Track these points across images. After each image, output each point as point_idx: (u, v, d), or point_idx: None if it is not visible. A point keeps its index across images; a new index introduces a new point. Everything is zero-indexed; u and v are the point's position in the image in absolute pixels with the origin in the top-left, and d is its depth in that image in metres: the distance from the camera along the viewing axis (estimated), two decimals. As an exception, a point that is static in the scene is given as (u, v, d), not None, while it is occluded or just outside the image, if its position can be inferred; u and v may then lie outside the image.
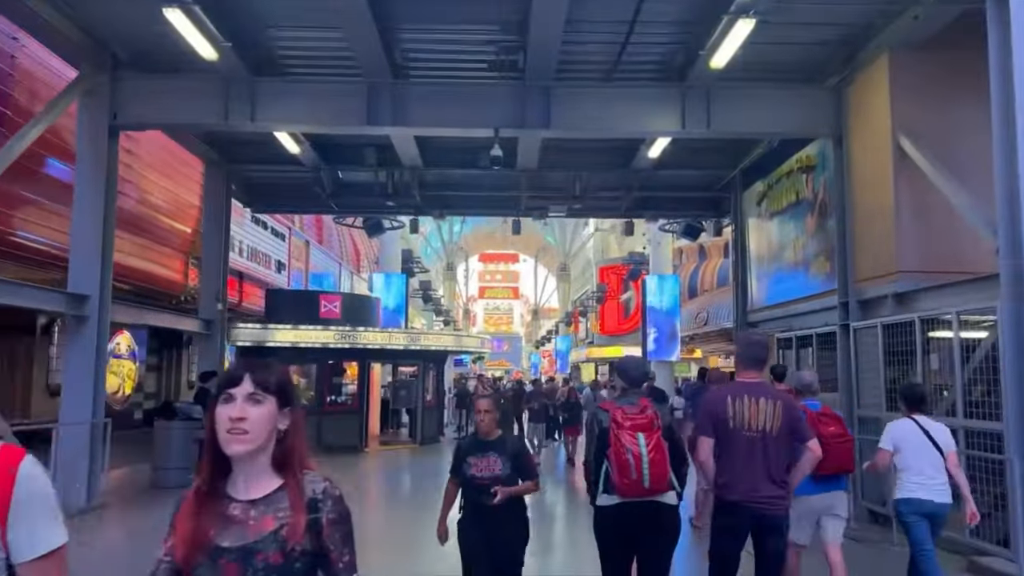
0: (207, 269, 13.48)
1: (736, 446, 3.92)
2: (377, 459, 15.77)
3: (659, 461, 3.79)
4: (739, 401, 3.95)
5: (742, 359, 4.19)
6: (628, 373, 4.29)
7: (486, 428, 4.30)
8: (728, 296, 25.03)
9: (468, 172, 13.90)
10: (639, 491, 3.80)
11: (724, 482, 3.96)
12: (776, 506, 3.90)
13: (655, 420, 3.89)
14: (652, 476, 3.75)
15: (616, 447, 3.81)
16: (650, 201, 14.71)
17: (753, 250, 13.40)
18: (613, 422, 3.88)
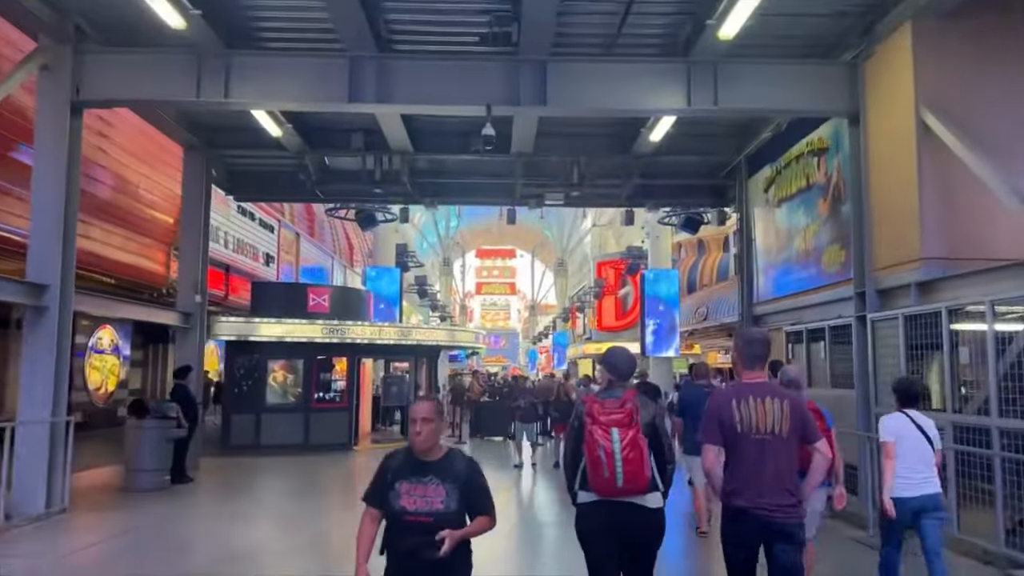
0: (186, 259, 12.71)
1: (745, 451, 3.64)
2: (365, 457, 15.01)
3: (634, 459, 3.55)
4: (745, 403, 3.66)
5: (743, 358, 3.88)
6: (616, 366, 4.01)
7: (423, 443, 3.21)
8: (729, 291, 24.42)
9: (460, 158, 13.16)
10: (612, 490, 3.61)
11: (732, 489, 3.67)
12: (787, 514, 3.60)
13: (633, 415, 3.64)
14: (626, 475, 3.55)
15: (588, 443, 3.62)
16: (651, 189, 13.96)
17: (759, 239, 12.66)
18: (588, 416, 3.68)
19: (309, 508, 9.91)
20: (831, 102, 9.40)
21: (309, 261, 24.22)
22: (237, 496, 10.60)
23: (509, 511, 9.91)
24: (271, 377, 15.64)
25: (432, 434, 3.22)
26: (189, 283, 12.57)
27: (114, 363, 19.20)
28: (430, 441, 3.22)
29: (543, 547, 8.01)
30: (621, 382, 3.99)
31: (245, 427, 15.15)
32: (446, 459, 3.26)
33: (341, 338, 15.60)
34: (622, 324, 38.33)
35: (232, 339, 15.17)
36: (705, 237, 31.32)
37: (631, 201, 14.20)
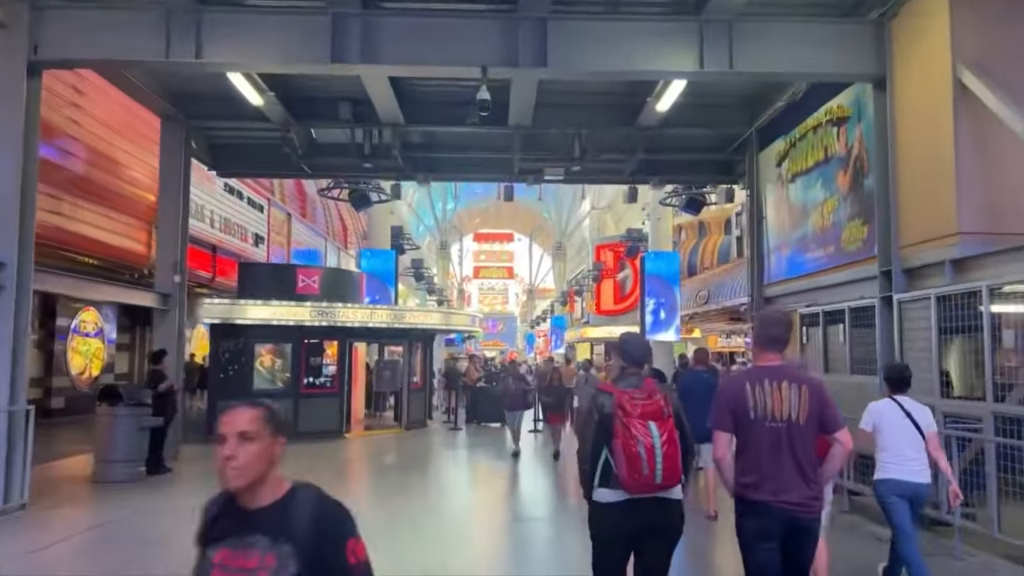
0: (164, 237, 11.92)
1: (759, 440, 3.38)
2: (355, 446, 14.32)
3: (672, 454, 3.34)
4: (759, 388, 3.41)
5: (760, 340, 3.60)
6: (630, 352, 3.71)
7: (237, 478, 1.96)
8: (731, 273, 23.69)
9: (454, 130, 12.33)
10: (649, 487, 3.36)
11: (748, 482, 3.40)
12: (809, 508, 3.35)
13: (665, 407, 3.41)
14: (666, 471, 3.32)
15: (625, 438, 3.33)
16: (656, 165, 13.15)
17: (770, 217, 11.89)
18: (619, 409, 3.38)
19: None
20: (855, 64, 8.59)
21: (302, 243, 23.41)
22: (217, 488, 9.87)
23: (502, 505, 9.20)
24: (258, 362, 14.88)
25: (255, 461, 1.93)
26: (168, 262, 11.79)
27: (98, 347, 18.45)
28: (249, 473, 1.93)
29: (540, 546, 7.30)
30: (635, 369, 3.67)
31: (231, 413, 14.38)
32: (282, 505, 1.95)
33: (331, 321, 14.83)
34: (621, 308, 37.66)
35: (216, 322, 14.38)
36: (706, 219, 30.61)
37: (634, 177, 13.39)
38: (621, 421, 3.36)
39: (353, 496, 9.43)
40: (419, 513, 8.36)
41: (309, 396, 14.95)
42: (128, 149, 14.28)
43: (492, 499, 9.72)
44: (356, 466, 12.60)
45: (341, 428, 15.10)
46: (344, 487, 10.36)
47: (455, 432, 16.57)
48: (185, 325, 12.19)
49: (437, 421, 18.62)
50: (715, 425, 3.47)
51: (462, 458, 13.25)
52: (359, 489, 10.42)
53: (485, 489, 10.29)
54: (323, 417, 14.89)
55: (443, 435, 16.26)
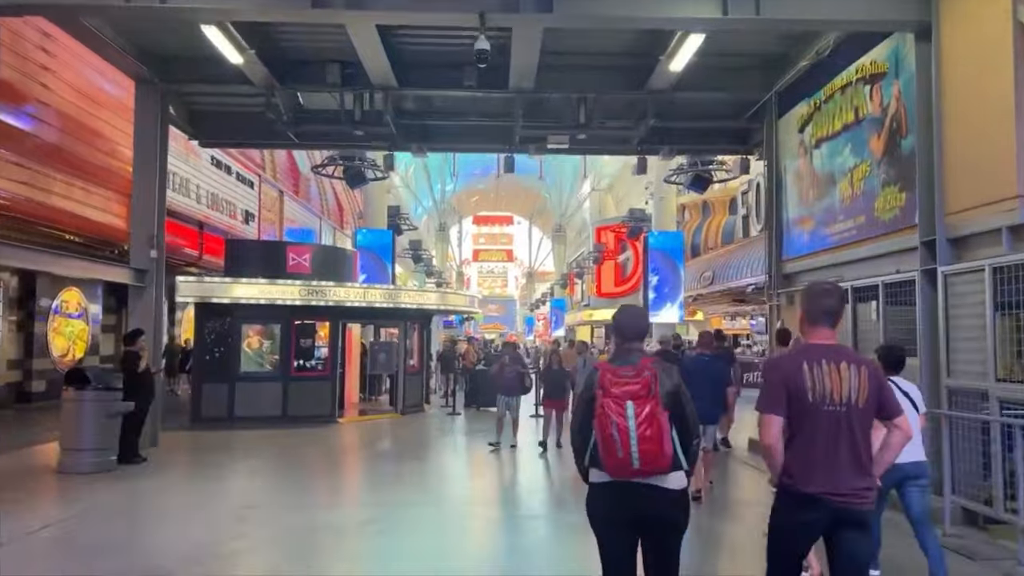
0: (139, 209, 10.97)
1: (816, 425, 3.06)
2: (347, 431, 13.45)
3: (652, 437, 3.06)
4: (817, 368, 3.09)
5: (810, 314, 3.25)
6: (624, 326, 3.45)
7: None
8: (737, 254, 22.74)
9: (451, 94, 11.36)
10: (628, 472, 3.11)
11: (797, 472, 3.08)
12: (863, 498, 3.07)
13: (651, 385, 3.10)
14: (642, 455, 3.05)
15: (600, 418, 3.11)
16: (666, 133, 12.17)
17: (790, 187, 10.95)
18: (599, 387, 3.16)
19: (279, 494, 8.33)
20: (896, 11, 7.62)
21: (295, 222, 22.47)
22: (195, 479, 9.01)
23: (501, 498, 8.32)
24: (245, 343, 13.99)
25: None
26: (143, 236, 10.84)
27: (82, 328, 17.54)
28: None
29: (541, 543, 6.43)
30: (628, 344, 3.41)
31: (217, 398, 13.54)
32: None
33: (322, 300, 13.92)
34: (622, 290, 36.77)
35: (198, 301, 13.47)
36: (710, 199, 29.64)
37: (643, 147, 12.40)
38: (599, 400, 3.13)
39: (342, 487, 8.55)
40: (413, 508, 7.49)
41: (299, 379, 14.07)
42: (105, 118, 13.33)
43: (491, 491, 8.84)
44: (346, 454, 11.74)
45: (333, 413, 14.24)
46: (333, 477, 9.49)
47: (453, 417, 15.72)
48: (163, 303, 11.25)
49: (435, 405, 17.76)
50: (767, 407, 3.12)
51: (460, 445, 12.37)
52: (348, 480, 9.55)
53: (484, 480, 9.40)
54: (314, 401, 14.03)
55: (440, 420, 15.41)
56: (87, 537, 6.38)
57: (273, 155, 21.04)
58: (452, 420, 15.35)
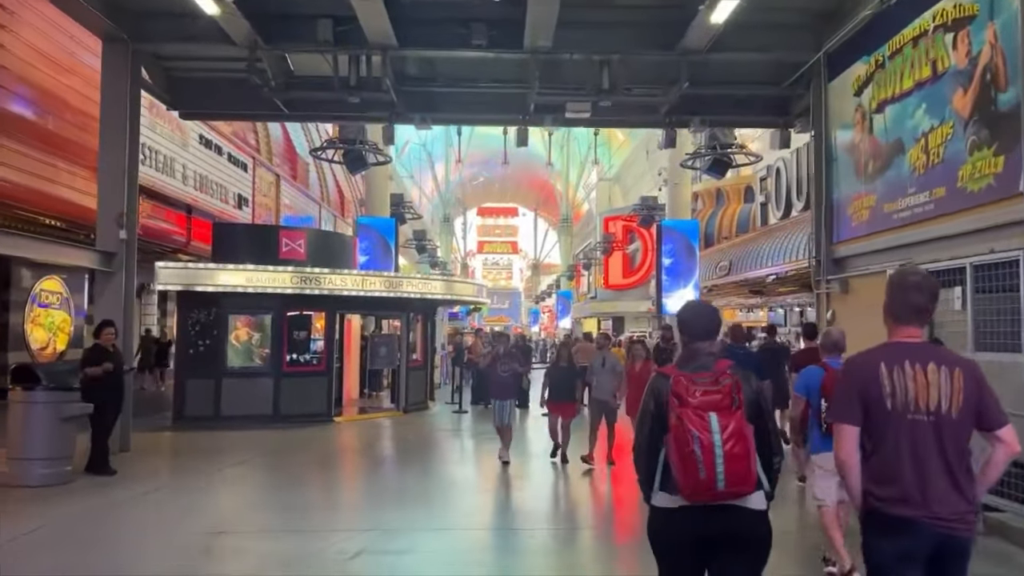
0: (106, 184, 9.59)
1: (899, 438, 2.56)
2: (344, 432, 12.10)
3: (739, 455, 2.57)
4: (899, 371, 2.56)
5: (895, 310, 2.69)
6: (690, 322, 2.90)
7: None
8: (755, 242, 21.28)
9: (458, 56, 9.97)
10: (710, 494, 2.61)
11: (885, 494, 2.56)
12: (966, 524, 2.55)
13: (734, 394, 2.63)
14: (728, 475, 2.57)
15: (677, 433, 2.61)
16: (697, 102, 10.72)
17: (843, 160, 9.52)
18: (673, 395, 2.66)
19: (259, 512, 6.97)
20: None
21: (293, 209, 21.08)
22: (163, 494, 7.63)
23: (523, 520, 6.93)
24: (232, 335, 12.62)
25: None
26: (111, 214, 9.46)
27: (64, 318, 16.18)
28: None
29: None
30: (696, 344, 2.86)
31: (202, 395, 12.19)
32: None
33: (317, 288, 12.53)
34: (630, 282, 35.46)
35: (178, 288, 12.11)
36: (724, 186, 28.30)
37: (671, 118, 10.94)
38: (675, 412, 2.64)
39: (334, 504, 7.15)
40: (416, 534, 6.11)
41: (292, 375, 12.71)
42: (76, 87, 11.92)
43: (508, 512, 7.45)
44: (341, 460, 10.38)
45: (330, 411, 12.88)
46: (324, 490, 8.08)
47: (460, 415, 14.33)
48: (134, 290, 9.87)
49: (440, 402, 16.39)
50: (838, 416, 2.69)
51: (468, 451, 10.97)
52: (342, 494, 8.16)
53: (499, 497, 7.99)
54: (309, 399, 12.68)
55: (446, 419, 14.04)
56: (10, 570, 5.02)
57: (269, 137, 19.65)
58: (459, 419, 13.97)
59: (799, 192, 20.66)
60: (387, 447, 11.23)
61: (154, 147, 13.48)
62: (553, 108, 10.56)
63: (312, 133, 23.86)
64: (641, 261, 35.17)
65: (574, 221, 48.55)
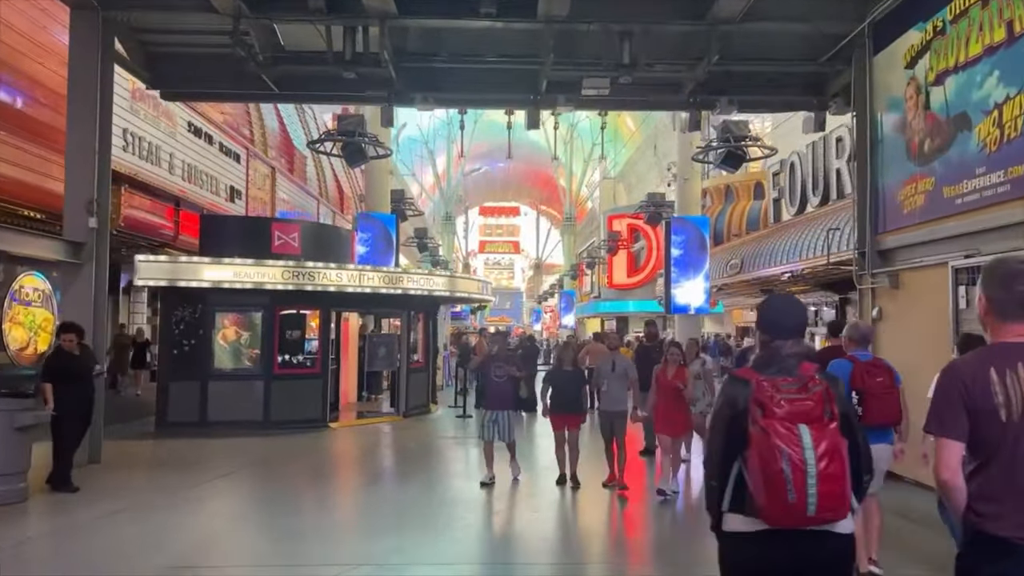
0: (74, 166, 8.56)
1: (1015, 451, 2.15)
2: (339, 440, 11.07)
3: (835, 475, 2.21)
4: (1012, 375, 2.16)
5: (1000, 305, 2.26)
6: (774, 319, 2.54)
7: None
8: (768, 240, 20.21)
9: (463, 26, 8.95)
10: (797, 519, 2.23)
11: (989, 511, 2.18)
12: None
13: (827, 404, 2.27)
14: (822, 499, 2.20)
15: (762, 449, 2.23)
16: (725, 80, 9.67)
17: (891, 141, 8.47)
18: (755, 404, 2.28)
19: (234, 540, 5.92)
20: None
21: (290, 204, 20.02)
22: (125, 515, 6.54)
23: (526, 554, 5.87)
24: (219, 335, 11.59)
25: None
26: (79, 201, 8.44)
27: (46, 317, 15.07)
28: None
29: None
30: (777, 342, 2.47)
31: (186, 399, 11.16)
32: None
33: (310, 284, 11.50)
34: (634, 282, 34.47)
35: (161, 284, 11.08)
36: (733, 183, 27.36)
37: (696, 97, 9.90)
38: (758, 424, 2.24)
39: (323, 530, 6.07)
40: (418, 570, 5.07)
41: (285, 378, 11.69)
42: (47, 64, 10.86)
43: (523, 540, 6.40)
44: (335, 474, 9.34)
45: (324, 417, 11.85)
46: (313, 511, 6.99)
47: (464, 420, 13.28)
48: (105, 284, 8.83)
49: (442, 405, 15.34)
50: (939, 429, 2.22)
51: (472, 462, 9.84)
52: (334, 516, 7.09)
53: (511, 521, 6.94)
54: (302, 403, 11.66)
55: (449, 425, 12.99)
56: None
57: (264, 128, 18.61)
58: (463, 425, 12.91)
59: (815, 187, 19.65)
60: (386, 458, 10.19)
61: (137, 133, 12.44)
62: (567, 86, 9.51)
63: (310, 125, 22.83)
64: (646, 260, 34.20)
65: (577, 220, 47.53)
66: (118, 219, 12.27)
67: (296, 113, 22.43)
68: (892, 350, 7.73)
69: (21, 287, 14.28)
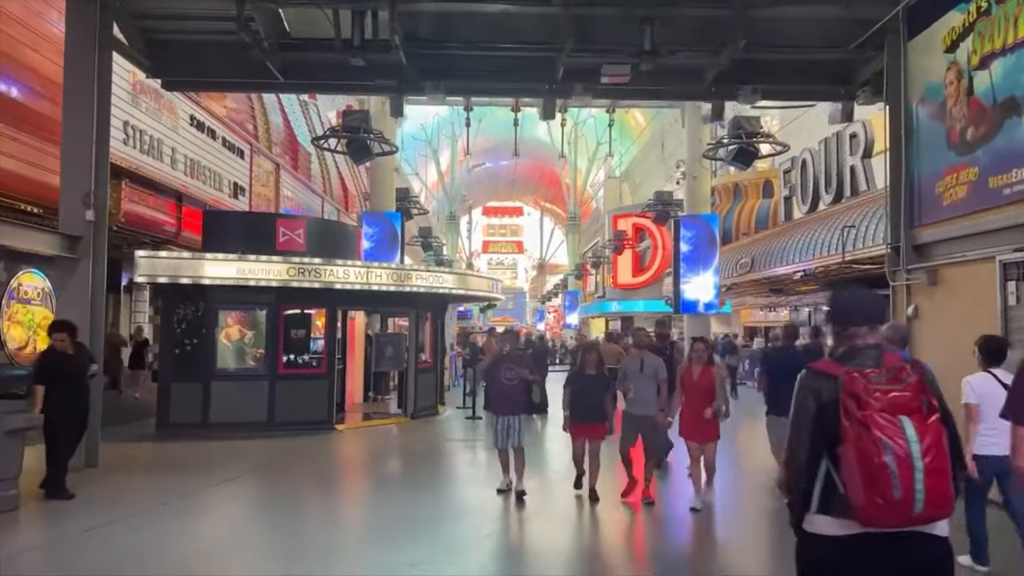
0: (70, 157, 8.11)
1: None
2: (346, 443, 10.62)
3: (941, 470, 2.06)
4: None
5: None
6: (848, 309, 2.42)
7: None
8: (779, 238, 19.76)
9: (476, 10, 8.48)
10: (901, 518, 2.06)
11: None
12: None
13: (923, 395, 2.13)
14: (930, 495, 2.04)
15: (862, 443, 2.08)
16: (748, 69, 9.20)
17: (929, 130, 8.01)
18: (848, 396, 2.14)
19: (240, 558, 5.46)
20: None
21: (294, 201, 19.59)
22: (121, 528, 6.08)
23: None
24: (223, 333, 11.14)
25: None
26: (75, 193, 7.99)
27: (45, 315, 14.66)
28: None
29: None
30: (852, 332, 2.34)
31: (188, 401, 10.72)
32: None
33: (316, 281, 11.04)
34: (640, 281, 34.01)
35: (162, 281, 10.63)
36: (742, 181, 26.92)
37: (719, 87, 9.42)
38: (855, 417, 2.10)
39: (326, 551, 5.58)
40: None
41: (290, 378, 11.23)
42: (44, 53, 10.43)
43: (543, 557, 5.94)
44: (342, 480, 8.88)
45: (331, 418, 11.39)
46: (320, 520, 6.53)
47: (473, 422, 12.83)
48: (103, 280, 8.37)
49: (450, 406, 14.89)
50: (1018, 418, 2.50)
51: (482, 466, 9.36)
52: (341, 528, 6.64)
53: (527, 535, 6.49)
54: (308, 405, 11.21)
55: (459, 427, 12.53)
56: None
57: (268, 124, 18.19)
58: (472, 427, 12.45)
59: (828, 184, 19.21)
60: (396, 462, 9.73)
61: (138, 126, 12.00)
62: (585, 74, 9.03)
63: (315, 122, 22.40)
64: (651, 259, 33.76)
65: (582, 219, 47.09)
66: (118, 214, 11.84)
67: (301, 110, 22.01)
68: (929, 351, 7.28)
69: (20, 285, 13.91)
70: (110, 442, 9.05)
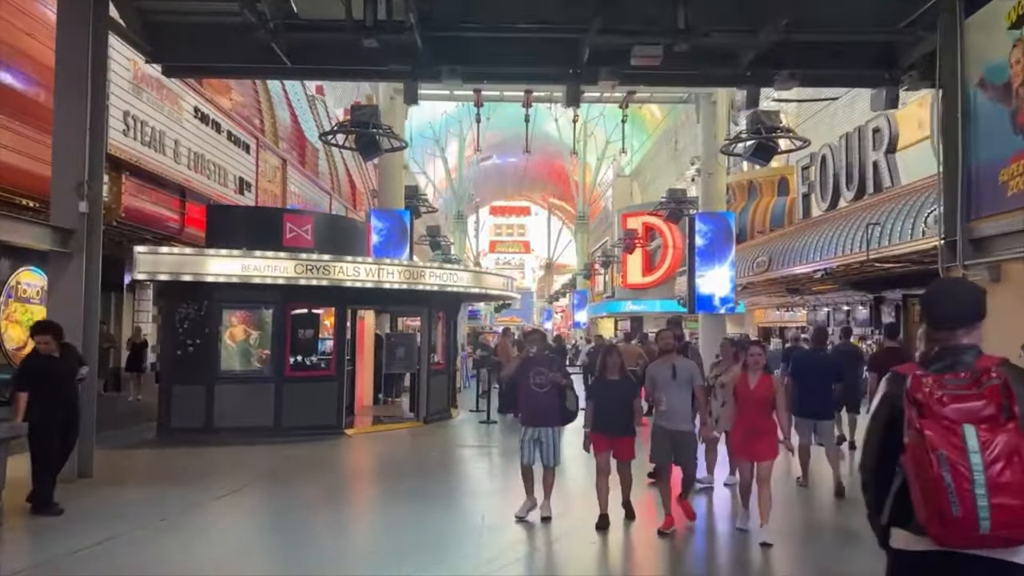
0: (63, 146, 7.51)
1: None
2: (355, 449, 10.01)
3: (1014, 485, 1.83)
4: None
5: None
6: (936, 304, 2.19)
7: None
8: (797, 236, 19.09)
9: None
10: (968, 538, 1.88)
11: None
12: None
13: (1004, 400, 1.91)
14: (997, 513, 1.83)
15: (916, 452, 1.93)
16: (785, 51, 8.52)
17: (988, 114, 7.33)
18: (910, 402, 1.97)
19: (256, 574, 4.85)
20: None
21: (301, 198, 18.99)
22: (114, 547, 5.46)
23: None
24: (227, 334, 10.53)
25: None
26: (67, 183, 7.39)
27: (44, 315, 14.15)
28: None
29: None
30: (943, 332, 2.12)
31: (191, 404, 10.12)
32: None
33: (325, 279, 10.43)
34: (650, 281, 33.35)
35: (163, 278, 10.03)
36: (756, 179, 26.23)
37: (754, 70, 8.75)
38: (913, 426, 1.93)
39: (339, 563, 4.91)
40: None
41: (297, 381, 10.63)
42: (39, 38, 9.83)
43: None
44: (352, 488, 8.26)
45: (340, 423, 10.79)
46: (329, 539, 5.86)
47: (488, 427, 12.19)
48: (97, 277, 7.77)
49: (463, 409, 14.26)
50: None
51: (498, 475, 8.70)
52: (350, 548, 6.00)
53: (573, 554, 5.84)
54: (316, 408, 10.61)
55: (473, 432, 11.89)
56: None
57: (275, 118, 17.60)
58: (487, 432, 11.81)
59: (849, 180, 18.54)
60: (410, 472, 9.06)
61: (140, 117, 11.41)
62: (612, 57, 8.37)
63: (322, 118, 21.82)
64: (661, 259, 33.10)
65: (591, 218, 46.49)
66: (118, 209, 11.26)
67: (308, 105, 21.44)
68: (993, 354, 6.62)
69: (18, 283, 13.33)
70: (106, 449, 8.47)
